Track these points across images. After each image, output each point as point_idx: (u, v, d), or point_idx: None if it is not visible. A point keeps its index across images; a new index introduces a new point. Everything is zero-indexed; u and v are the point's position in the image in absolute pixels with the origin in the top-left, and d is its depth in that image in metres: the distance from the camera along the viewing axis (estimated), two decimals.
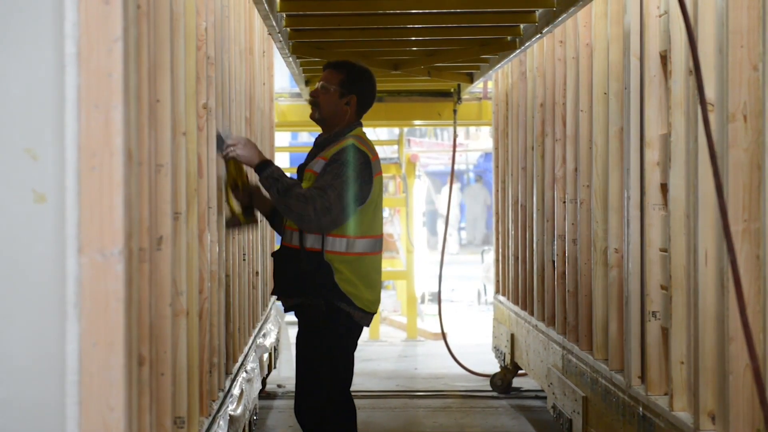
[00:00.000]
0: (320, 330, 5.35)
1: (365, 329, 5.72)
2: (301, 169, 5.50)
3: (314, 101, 5.47)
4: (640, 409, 5.24)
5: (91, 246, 2.61)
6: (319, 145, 5.47)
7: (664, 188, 5.12)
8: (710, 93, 4.31)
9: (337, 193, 5.14)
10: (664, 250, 5.04)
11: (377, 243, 5.42)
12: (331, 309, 5.30)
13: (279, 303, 10.11)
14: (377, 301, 5.47)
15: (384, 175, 15.89)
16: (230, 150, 5.17)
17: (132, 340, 2.78)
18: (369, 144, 5.42)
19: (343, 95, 5.43)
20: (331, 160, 5.26)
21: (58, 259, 2.62)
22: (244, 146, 5.20)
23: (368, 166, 5.27)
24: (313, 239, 5.27)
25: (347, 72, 5.48)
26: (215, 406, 4.93)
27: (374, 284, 5.42)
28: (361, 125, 5.55)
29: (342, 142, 5.34)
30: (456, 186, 28.71)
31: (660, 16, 5.14)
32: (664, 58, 5.10)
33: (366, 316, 5.40)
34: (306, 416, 5.48)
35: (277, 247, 5.76)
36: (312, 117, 5.52)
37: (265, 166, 5.21)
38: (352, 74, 5.48)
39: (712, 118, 4.27)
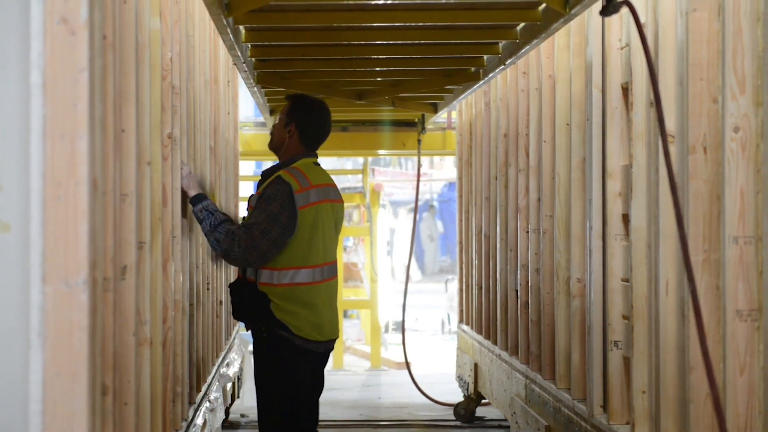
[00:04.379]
0: (266, 357, 5.52)
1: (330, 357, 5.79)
2: (251, 198, 5.61)
3: (271, 132, 5.73)
4: None
5: (55, 275, 2.61)
6: (264, 176, 5.61)
7: (625, 218, 5.17)
8: (671, 125, 4.36)
9: (262, 229, 5.29)
10: (626, 280, 5.08)
11: (317, 272, 5.50)
12: (272, 336, 5.45)
13: (243, 332, 10.11)
14: (324, 327, 5.55)
15: (348, 204, 15.94)
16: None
17: (96, 369, 2.78)
18: (303, 175, 5.49)
19: (287, 124, 5.61)
20: (260, 196, 5.43)
21: (23, 288, 2.62)
22: (187, 175, 5.32)
23: (290, 197, 5.37)
24: (251, 271, 5.46)
25: (292, 101, 5.68)
26: None
27: (318, 312, 5.51)
28: (311, 156, 5.67)
29: (274, 175, 5.49)
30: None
31: (621, 49, 5.20)
32: (626, 90, 5.15)
33: (308, 342, 5.49)
34: None
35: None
36: (268, 145, 5.74)
37: (200, 198, 5.37)
38: (294, 104, 5.66)
39: (673, 149, 4.32)
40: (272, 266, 5.40)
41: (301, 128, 5.60)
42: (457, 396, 10.40)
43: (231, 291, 5.60)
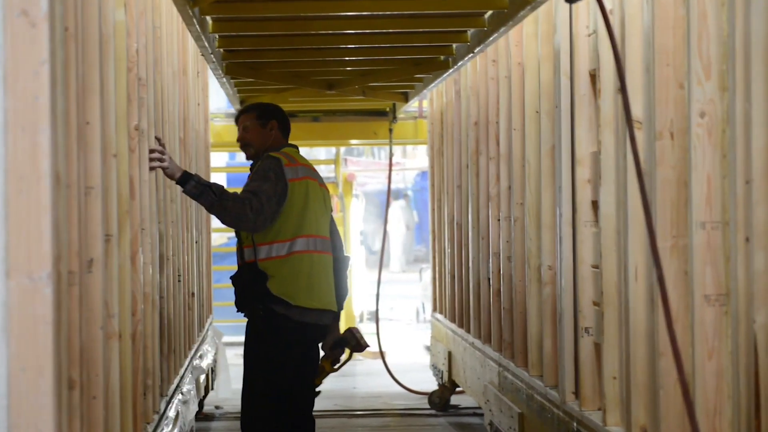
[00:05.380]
0: (260, 336, 5.68)
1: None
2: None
3: (244, 142, 5.91)
4: (575, 424, 5.28)
5: (18, 270, 2.59)
6: (252, 167, 5.85)
7: (595, 205, 5.18)
8: (638, 111, 4.36)
9: (267, 195, 5.53)
10: (596, 267, 5.09)
11: (310, 242, 5.71)
12: (268, 313, 5.61)
13: (216, 324, 10.09)
14: (322, 295, 5.74)
15: None
16: (156, 164, 5.25)
17: (62, 363, 2.76)
18: (288, 154, 5.79)
19: (265, 125, 5.88)
20: (252, 173, 5.72)
21: None
22: (170, 161, 5.44)
23: (281, 170, 5.63)
24: (249, 252, 5.65)
25: (258, 108, 6.00)
26: (150, 429, 4.90)
27: (314, 280, 5.70)
28: (292, 146, 5.95)
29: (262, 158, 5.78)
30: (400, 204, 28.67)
31: (589, 36, 5.20)
32: (594, 77, 5.16)
33: (308, 312, 5.66)
34: (245, 421, 5.74)
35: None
36: (248, 156, 5.94)
37: (188, 176, 5.51)
38: (262, 108, 6.00)
39: (640, 135, 4.32)
40: (271, 240, 5.61)
41: (279, 122, 5.93)
42: (431, 385, 10.41)
43: (234, 279, 5.77)
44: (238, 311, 5.87)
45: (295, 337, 5.65)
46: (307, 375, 5.79)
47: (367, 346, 6.02)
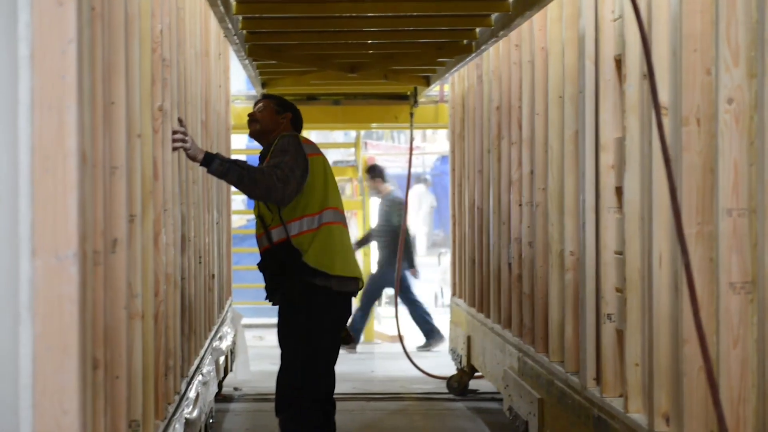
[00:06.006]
0: (297, 308, 5.78)
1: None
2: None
3: (253, 118, 6.03)
4: (596, 411, 5.27)
5: (44, 248, 2.59)
6: (263, 156, 5.96)
7: (619, 191, 5.15)
8: (664, 97, 4.33)
9: (290, 167, 5.63)
10: (619, 253, 5.07)
11: (337, 213, 5.87)
12: (307, 287, 5.72)
13: (236, 306, 10.11)
14: (355, 266, 5.93)
15: (341, 178, 15.89)
16: (179, 144, 5.24)
17: (86, 343, 2.76)
18: (301, 135, 5.97)
19: (279, 112, 6.02)
20: (271, 152, 5.81)
21: (12, 262, 2.60)
22: (192, 144, 5.43)
23: (298, 143, 5.77)
24: (278, 232, 5.75)
25: (279, 98, 6.17)
26: (171, 409, 4.91)
27: (346, 250, 5.87)
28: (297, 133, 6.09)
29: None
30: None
31: (614, 20, 5.17)
32: (619, 62, 5.13)
33: (346, 281, 5.81)
34: (279, 392, 5.89)
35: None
36: (252, 133, 6.08)
37: (212, 156, 5.56)
38: (283, 100, 6.16)
39: (666, 121, 4.29)
40: (300, 215, 5.73)
41: (294, 118, 6.08)
42: (450, 369, 10.40)
43: (263, 265, 5.86)
44: (267, 298, 5.94)
45: (333, 307, 5.80)
46: (337, 348, 5.97)
47: (353, 341, 6.15)
